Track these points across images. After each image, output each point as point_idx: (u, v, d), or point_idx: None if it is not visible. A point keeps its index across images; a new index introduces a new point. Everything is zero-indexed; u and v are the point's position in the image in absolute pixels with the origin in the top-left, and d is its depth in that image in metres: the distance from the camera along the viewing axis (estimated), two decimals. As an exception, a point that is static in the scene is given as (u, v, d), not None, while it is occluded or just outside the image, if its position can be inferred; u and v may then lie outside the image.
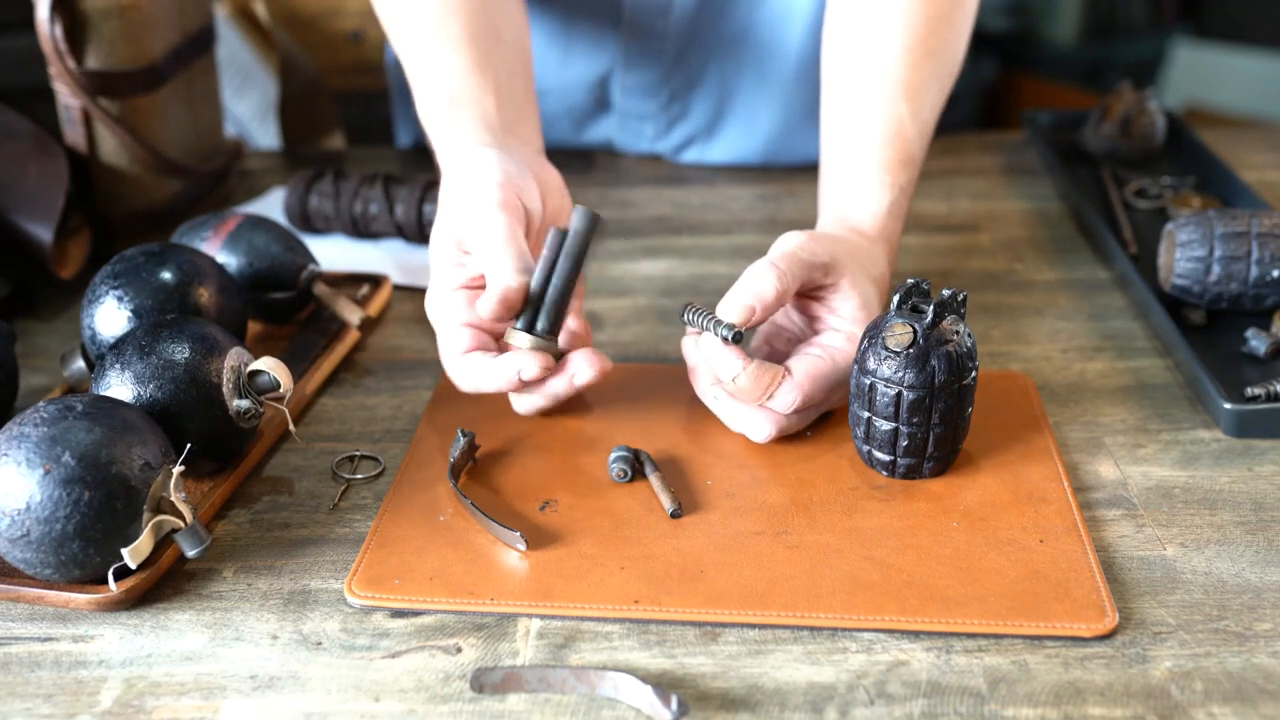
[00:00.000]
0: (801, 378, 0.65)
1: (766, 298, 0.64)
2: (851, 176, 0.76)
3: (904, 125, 0.76)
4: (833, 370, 0.65)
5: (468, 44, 0.77)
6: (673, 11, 1.01)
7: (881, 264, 0.72)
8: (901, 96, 0.76)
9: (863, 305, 0.67)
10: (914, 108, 0.76)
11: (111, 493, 0.54)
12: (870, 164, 0.75)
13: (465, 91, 0.76)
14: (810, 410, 0.67)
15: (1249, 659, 0.52)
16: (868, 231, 0.73)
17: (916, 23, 0.77)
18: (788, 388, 0.64)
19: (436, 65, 0.77)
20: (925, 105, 0.77)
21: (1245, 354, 0.76)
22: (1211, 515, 0.62)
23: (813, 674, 0.52)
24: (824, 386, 0.65)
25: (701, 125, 1.09)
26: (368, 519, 0.63)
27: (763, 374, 0.64)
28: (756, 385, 0.64)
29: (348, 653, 0.54)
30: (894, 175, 0.75)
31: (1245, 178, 0.99)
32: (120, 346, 0.63)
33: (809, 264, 0.66)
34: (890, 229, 0.74)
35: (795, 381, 0.64)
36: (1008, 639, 0.54)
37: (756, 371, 0.64)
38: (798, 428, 0.67)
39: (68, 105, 0.90)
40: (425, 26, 0.78)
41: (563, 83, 1.07)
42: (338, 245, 0.95)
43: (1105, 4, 2.92)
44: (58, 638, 0.55)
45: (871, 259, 0.71)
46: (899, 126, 0.76)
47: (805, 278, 0.66)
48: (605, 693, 0.51)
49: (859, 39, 0.78)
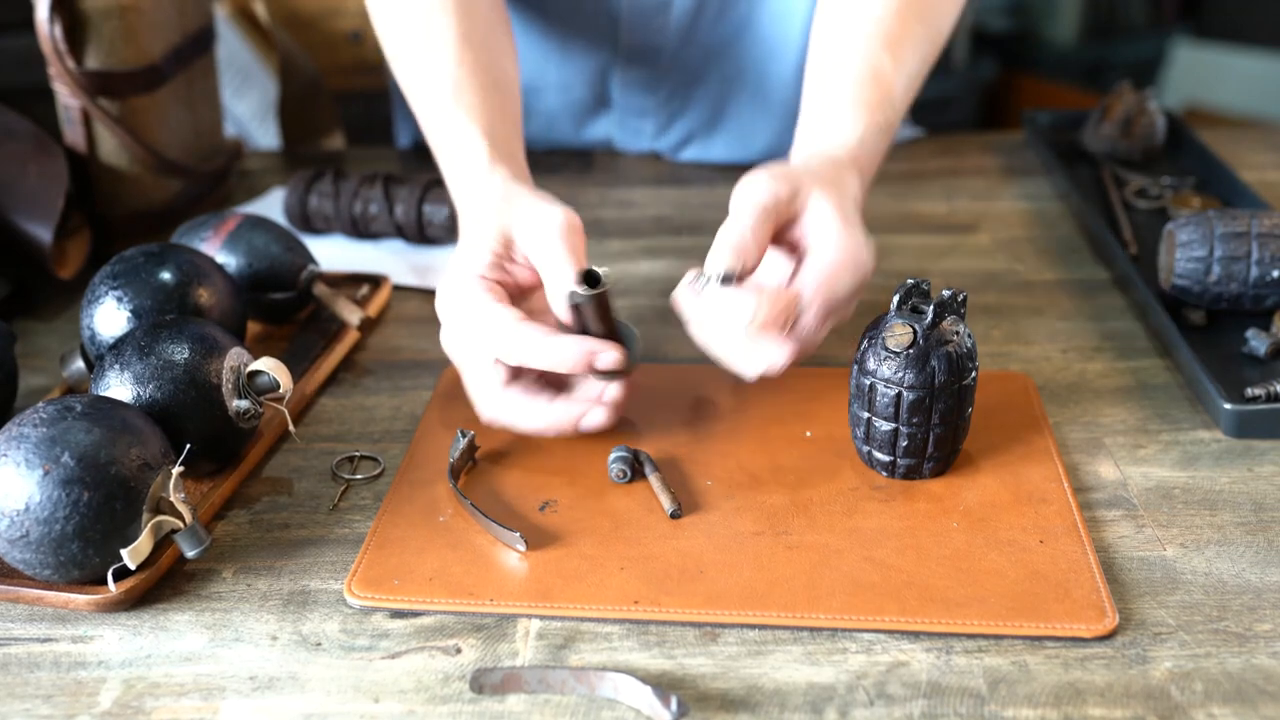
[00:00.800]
0: (815, 285, 0.63)
1: (746, 244, 0.62)
2: (825, 110, 0.74)
3: (885, 71, 0.75)
4: (838, 266, 0.64)
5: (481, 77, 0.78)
6: (672, 8, 1.01)
7: (851, 183, 0.69)
8: (884, 48, 0.75)
9: (838, 209, 0.65)
10: (897, 60, 0.76)
11: (111, 493, 0.54)
12: (845, 99, 0.74)
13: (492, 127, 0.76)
14: (828, 321, 0.65)
15: (1249, 660, 0.52)
16: (837, 156, 0.71)
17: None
18: (809, 300, 0.62)
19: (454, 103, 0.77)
20: (910, 61, 0.77)
21: (1245, 354, 0.75)
22: (1211, 516, 0.62)
23: (812, 674, 0.52)
24: (839, 287, 0.63)
25: (701, 121, 1.09)
26: (367, 519, 0.63)
27: (777, 299, 0.61)
28: (775, 311, 0.61)
29: (347, 653, 0.54)
30: (870, 111, 0.73)
31: (1245, 178, 0.99)
32: (120, 347, 0.63)
33: (774, 207, 0.64)
34: (861, 157, 0.72)
35: (811, 290, 0.63)
36: (1008, 639, 0.54)
37: (771, 299, 0.61)
38: (816, 343, 0.65)
39: (67, 105, 0.90)
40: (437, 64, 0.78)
41: (562, 79, 1.07)
42: (337, 245, 0.95)
43: (1105, 4, 2.92)
44: (57, 638, 0.55)
45: (838, 177, 0.68)
46: (879, 71, 0.75)
47: (776, 221, 0.64)
48: (605, 693, 0.51)
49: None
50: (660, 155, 1.13)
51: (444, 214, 0.92)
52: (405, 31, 0.82)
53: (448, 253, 0.93)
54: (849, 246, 0.64)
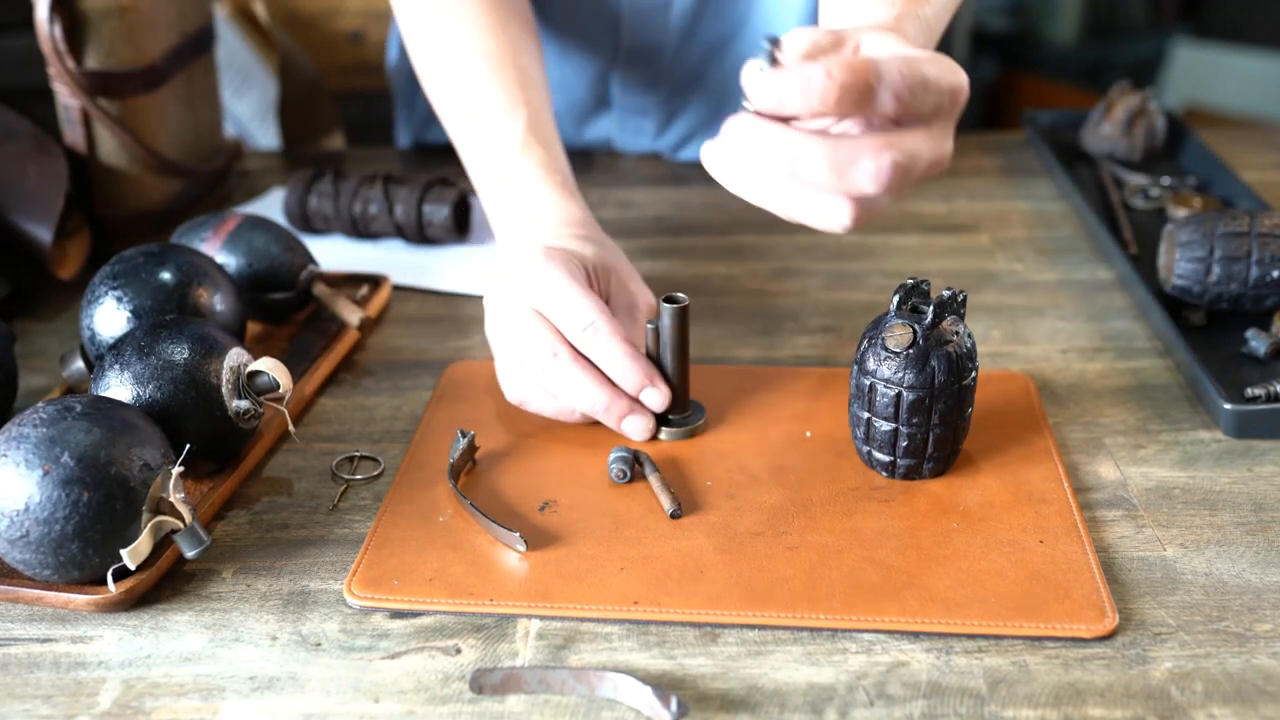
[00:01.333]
0: (894, 58, 0.50)
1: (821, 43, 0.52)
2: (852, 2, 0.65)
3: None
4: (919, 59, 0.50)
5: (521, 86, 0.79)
6: (672, 9, 1.01)
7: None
8: None
9: (903, 40, 0.53)
10: None
11: (110, 493, 0.54)
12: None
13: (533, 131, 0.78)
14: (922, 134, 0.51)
15: (1249, 660, 0.52)
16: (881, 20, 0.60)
17: None
18: (889, 61, 0.49)
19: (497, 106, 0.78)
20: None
21: (1245, 354, 0.75)
22: (1211, 516, 0.62)
23: (812, 675, 0.52)
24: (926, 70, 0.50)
25: (702, 120, 1.09)
26: (367, 520, 0.63)
27: (854, 60, 0.48)
28: (854, 72, 0.48)
29: (347, 654, 0.54)
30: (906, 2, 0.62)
31: (1245, 178, 0.99)
32: (119, 347, 0.63)
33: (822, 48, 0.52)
34: (902, 31, 0.58)
35: (893, 57, 0.50)
36: (1008, 640, 0.54)
37: (846, 60, 0.48)
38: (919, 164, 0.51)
39: (67, 105, 0.90)
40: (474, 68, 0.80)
41: (563, 78, 1.07)
42: (337, 245, 0.95)
43: (1105, 4, 2.92)
44: (57, 639, 0.55)
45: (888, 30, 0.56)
46: None
47: None
48: (605, 694, 0.51)
49: None
50: (660, 155, 1.13)
51: (444, 214, 0.92)
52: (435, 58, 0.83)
53: (448, 253, 0.93)
54: (925, 54, 0.52)
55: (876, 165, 0.49)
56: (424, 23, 0.84)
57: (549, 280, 0.66)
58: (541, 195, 0.75)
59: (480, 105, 0.80)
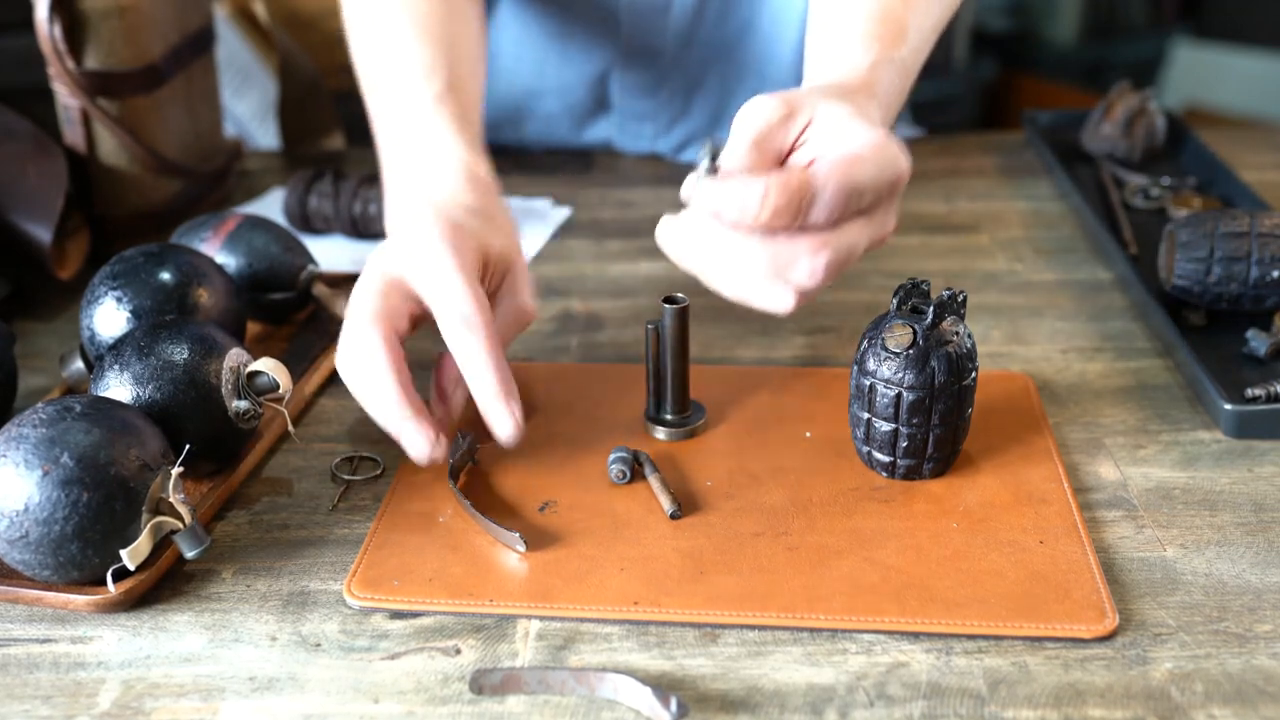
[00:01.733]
0: (829, 168, 0.52)
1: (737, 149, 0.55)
2: (832, 45, 0.67)
3: (897, 10, 0.67)
4: (858, 158, 0.53)
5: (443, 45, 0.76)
6: (671, 11, 1.01)
7: (868, 106, 0.60)
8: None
9: (853, 111, 0.56)
10: (908, 4, 0.69)
11: (110, 494, 0.54)
12: (854, 33, 0.66)
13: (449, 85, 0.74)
14: (857, 225, 0.55)
15: (1249, 660, 0.52)
16: (847, 83, 0.62)
17: None
18: (823, 177, 0.52)
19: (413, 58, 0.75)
20: (921, 11, 0.69)
21: (1245, 355, 0.75)
22: (1212, 516, 0.62)
23: (812, 675, 0.52)
24: (861, 171, 0.53)
25: (701, 125, 1.09)
26: (367, 520, 0.63)
27: (789, 176, 0.51)
28: (788, 191, 0.51)
29: (347, 654, 0.54)
30: (882, 44, 0.65)
31: (1245, 178, 0.99)
32: (119, 347, 0.63)
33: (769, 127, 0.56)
34: (874, 84, 0.63)
35: (825, 173, 0.52)
36: (1008, 640, 0.54)
37: (782, 177, 0.51)
38: (853, 255, 0.55)
39: (67, 105, 0.90)
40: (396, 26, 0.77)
41: (562, 81, 1.07)
42: (337, 245, 0.95)
43: (1105, 4, 2.92)
44: (56, 639, 0.55)
45: (853, 98, 0.59)
46: (890, 9, 0.67)
47: (773, 143, 0.56)
48: (605, 694, 0.51)
49: None
50: (660, 156, 1.13)
51: (444, 214, 0.92)
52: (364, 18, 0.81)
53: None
54: (868, 140, 0.55)
55: (813, 266, 0.54)
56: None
57: (436, 265, 0.60)
58: (447, 150, 0.69)
59: (399, 65, 0.75)
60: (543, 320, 0.84)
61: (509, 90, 1.08)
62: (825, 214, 0.53)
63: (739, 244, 0.54)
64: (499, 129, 1.11)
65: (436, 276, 0.60)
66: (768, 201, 0.51)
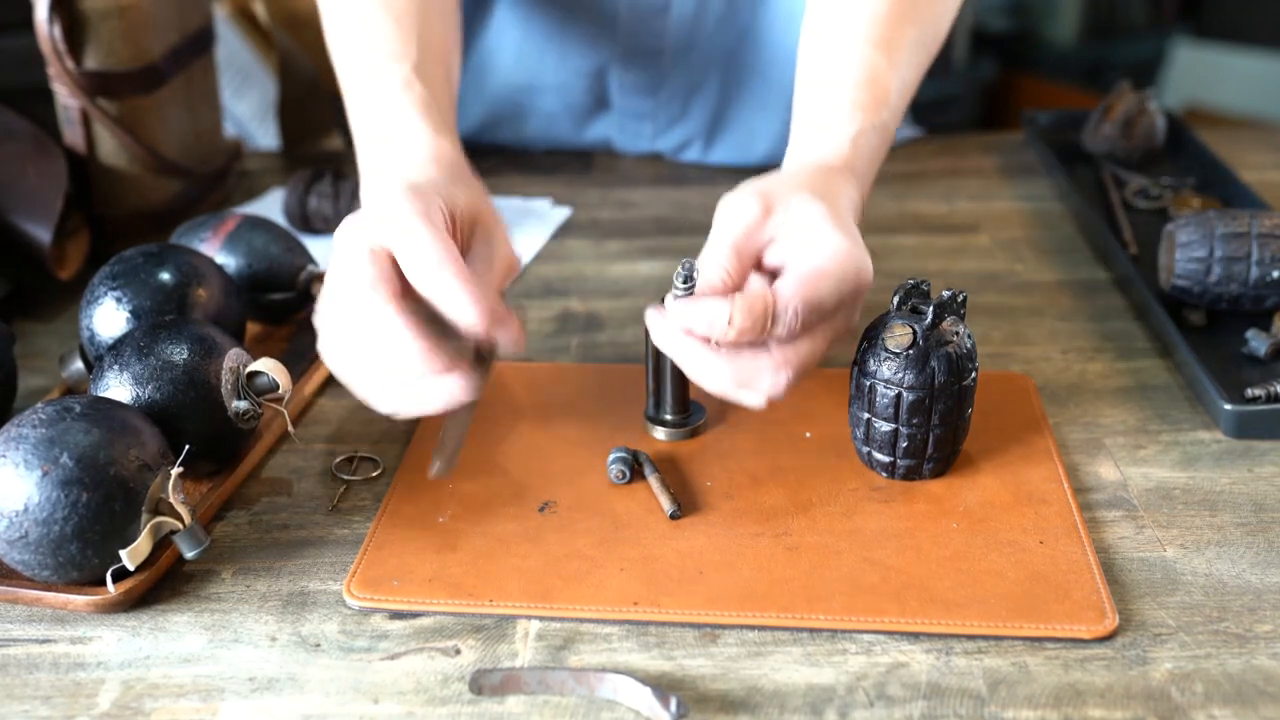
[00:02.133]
0: (793, 287, 0.57)
1: (714, 286, 0.59)
2: (817, 114, 0.70)
3: (879, 72, 0.71)
4: (821, 273, 0.58)
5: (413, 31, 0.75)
6: (670, 11, 1.01)
7: (845, 190, 0.64)
8: (878, 49, 0.72)
9: (827, 214, 0.60)
10: (891, 62, 0.72)
11: (110, 494, 0.54)
12: (838, 101, 0.70)
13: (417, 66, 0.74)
14: (817, 336, 0.59)
15: (1249, 660, 0.52)
16: (830, 163, 0.67)
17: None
18: (785, 299, 0.56)
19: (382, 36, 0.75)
20: (904, 63, 0.73)
21: (1245, 355, 0.75)
22: (1212, 516, 0.62)
23: (812, 676, 0.52)
24: (821, 289, 0.57)
25: (701, 127, 1.09)
26: (366, 520, 0.63)
27: (754, 300, 0.56)
28: (752, 314, 0.56)
29: (346, 654, 0.54)
30: (865, 113, 0.69)
31: (1245, 178, 0.99)
32: (119, 347, 0.63)
33: (747, 230, 0.59)
34: (857, 162, 0.68)
35: (789, 293, 0.57)
36: (1008, 640, 0.54)
37: (746, 301, 0.56)
38: (813, 362, 0.60)
39: (67, 105, 0.90)
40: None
41: (561, 80, 1.07)
42: (337, 246, 0.95)
43: (1105, 4, 2.92)
44: (56, 639, 0.55)
45: (829, 186, 0.63)
46: (873, 72, 0.71)
47: (751, 242, 0.60)
48: (604, 694, 0.51)
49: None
50: (660, 155, 1.13)
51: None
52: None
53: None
54: (833, 251, 0.59)
55: (774, 381, 0.59)
56: None
57: (400, 217, 0.58)
58: (414, 131, 0.69)
59: (367, 46, 0.75)
60: (543, 320, 0.84)
61: (509, 87, 1.08)
62: (787, 331, 0.57)
63: (706, 361, 0.59)
64: (499, 127, 1.11)
65: (400, 227, 0.58)
66: (733, 323, 0.56)
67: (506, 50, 1.07)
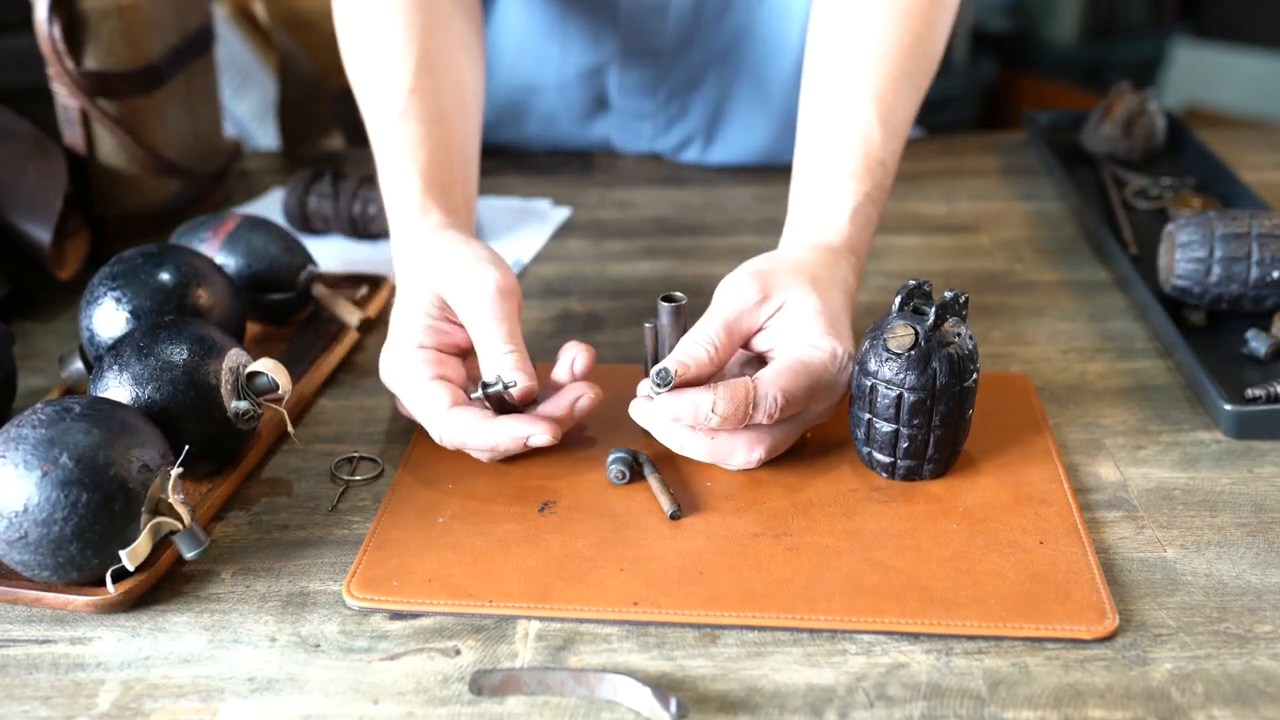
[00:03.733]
0: (773, 375, 0.62)
1: (694, 350, 0.63)
2: (818, 185, 0.74)
3: (876, 150, 0.74)
4: (804, 367, 0.63)
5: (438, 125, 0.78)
6: (669, 11, 1.01)
7: (843, 271, 0.69)
8: (877, 115, 0.74)
9: (820, 311, 0.64)
10: (885, 111, 0.74)
11: (109, 494, 0.54)
12: (834, 171, 0.73)
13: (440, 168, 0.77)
14: (794, 421, 0.64)
15: (1249, 661, 0.52)
16: (831, 243, 0.70)
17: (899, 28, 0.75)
18: (765, 388, 0.61)
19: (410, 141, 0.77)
20: (898, 107, 0.75)
21: (1245, 355, 0.75)
22: (1212, 517, 0.62)
23: (812, 676, 0.52)
24: (801, 383, 0.62)
25: (700, 126, 1.09)
26: (366, 520, 0.63)
27: (736, 389, 0.61)
28: (734, 403, 0.61)
29: (346, 655, 0.54)
30: (860, 182, 0.73)
31: (1245, 178, 0.99)
32: (118, 348, 0.63)
33: (739, 314, 0.64)
34: (855, 237, 0.72)
35: (767, 382, 0.61)
36: (1008, 641, 0.54)
37: (729, 390, 0.61)
38: (787, 443, 0.65)
39: (66, 106, 0.90)
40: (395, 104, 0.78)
41: (560, 79, 1.07)
42: (336, 246, 0.95)
43: (1105, 4, 2.92)
44: (55, 640, 0.55)
45: (829, 271, 0.68)
46: (871, 149, 0.74)
47: (742, 326, 0.64)
48: (604, 695, 0.51)
49: (840, 40, 0.77)
50: (660, 155, 1.13)
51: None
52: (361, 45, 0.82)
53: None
54: (818, 352, 0.63)
55: (748, 459, 0.63)
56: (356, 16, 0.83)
57: (407, 373, 0.66)
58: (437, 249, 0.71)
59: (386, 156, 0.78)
60: (543, 320, 0.84)
61: (509, 88, 1.09)
62: (766, 418, 0.62)
63: (684, 439, 0.63)
64: (499, 127, 1.11)
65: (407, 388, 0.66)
66: (717, 410, 0.61)
67: (506, 51, 1.07)
